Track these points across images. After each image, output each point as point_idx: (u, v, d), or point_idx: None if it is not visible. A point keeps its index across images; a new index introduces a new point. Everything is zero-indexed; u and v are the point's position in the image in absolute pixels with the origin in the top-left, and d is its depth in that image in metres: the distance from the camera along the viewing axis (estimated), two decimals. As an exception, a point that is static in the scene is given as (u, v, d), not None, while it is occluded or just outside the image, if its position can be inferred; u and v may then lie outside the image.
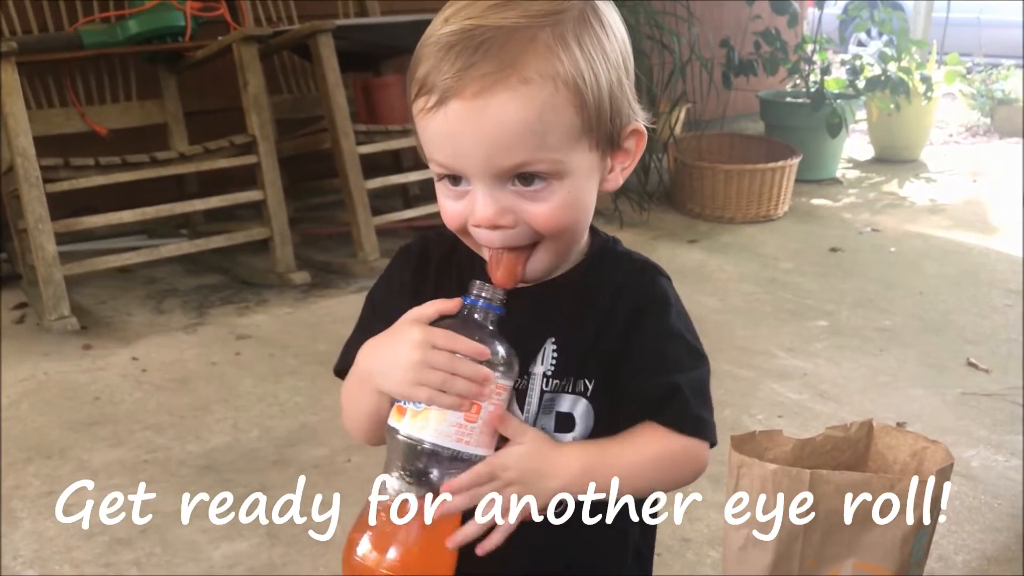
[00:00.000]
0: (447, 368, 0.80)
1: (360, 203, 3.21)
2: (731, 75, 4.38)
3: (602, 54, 0.81)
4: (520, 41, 0.77)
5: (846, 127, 4.40)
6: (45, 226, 2.75)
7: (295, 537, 1.83)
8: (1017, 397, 2.40)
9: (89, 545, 1.82)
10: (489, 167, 0.79)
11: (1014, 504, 1.95)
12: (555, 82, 0.77)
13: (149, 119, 3.45)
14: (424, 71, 0.79)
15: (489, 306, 0.82)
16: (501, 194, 0.81)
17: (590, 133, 0.81)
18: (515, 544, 0.87)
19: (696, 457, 0.90)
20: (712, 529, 1.84)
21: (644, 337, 0.88)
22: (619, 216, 3.75)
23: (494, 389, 0.81)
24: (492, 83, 0.76)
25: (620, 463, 0.86)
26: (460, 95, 0.77)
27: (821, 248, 3.63)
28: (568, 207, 0.82)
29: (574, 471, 0.85)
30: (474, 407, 0.80)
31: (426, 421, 0.81)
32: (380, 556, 0.81)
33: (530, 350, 0.87)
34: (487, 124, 0.77)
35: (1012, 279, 3.26)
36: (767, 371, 2.57)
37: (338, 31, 3.17)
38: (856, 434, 1.54)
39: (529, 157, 0.79)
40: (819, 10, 4.52)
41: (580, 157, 0.82)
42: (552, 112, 0.78)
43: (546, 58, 0.77)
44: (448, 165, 0.82)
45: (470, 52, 0.77)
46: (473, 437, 0.81)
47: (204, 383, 2.50)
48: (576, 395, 0.88)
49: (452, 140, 0.80)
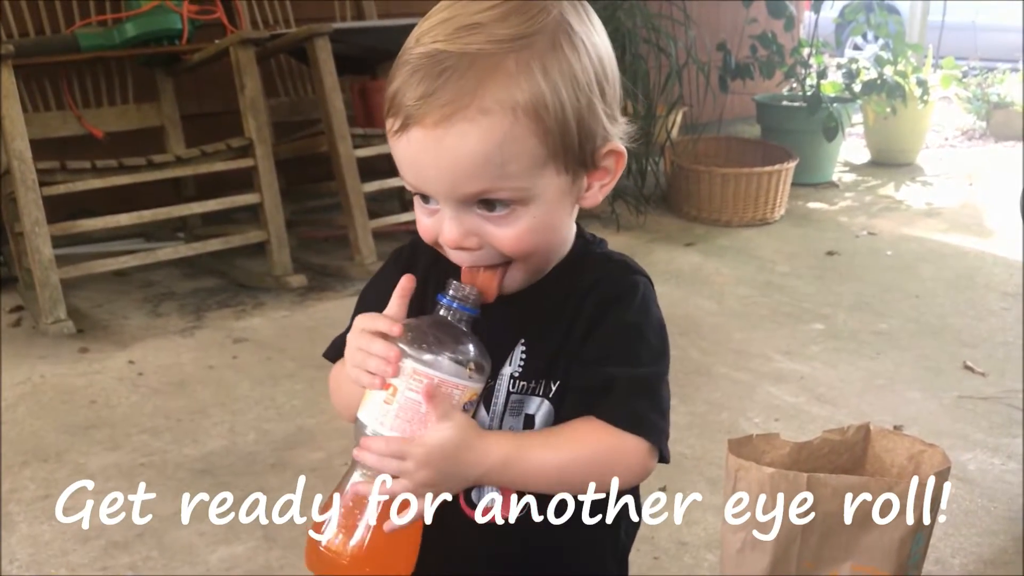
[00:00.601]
0: (364, 348, 0.82)
1: (357, 206, 3.21)
2: (728, 78, 4.39)
3: (570, 78, 0.79)
4: (482, 69, 0.76)
5: (842, 131, 4.41)
6: (41, 229, 2.75)
7: (293, 540, 1.83)
8: (1014, 400, 2.41)
9: (85, 549, 1.81)
10: (452, 193, 0.80)
11: (1011, 507, 1.96)
12: (515, 112, 0.77)
13: (146, 122, 3.45)
14: (392, 90, 0.80)
15: (462, 307, 0.82)
16: (466, 217, 0.81)
17: (557, 159, 0.80)
18: (498, 545, 0.88)
19: (633, 456, 0.85)
20: (709, 532, 1.85)
21: (600, 330, 0.87)
22: (616, 219, 3.76)
23: (410, 374, 0.80)
24: (451, 112, 0.76)
25: (543, 458, 0.84)
26: (421, 123, 0.77)
27: (817, 251, 3.64)
28: (534, 231, 0.82)
29: (492, 461, 0.83)
30: (391, 389, 0.81)
31: (364, 402, 0.84)
32: (339, 547, 0.83)
33: (502, 352, 0.88)
34: (446, 153, 0.77)
35: (1008, 282, 3.27)
36: (764, 374, 2.57)
37: (335, 35, 3.17)
38: (853, 437, 1.54)
39: (490, 185, 0.79)
40: (815, 14, 4.52)
41: (547, 183, 0.81)
42: (513, 142, 0.77)
43: (506, 87, 0.76)
44: (414, 186, 0.83)
45: (432, 78, 0.76)
46: (388, 419, 0.81)
47: (201, 386, 2.50)
48: (542, 397, 0.88)
49: (415, 165, 0.80)
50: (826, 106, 4.34)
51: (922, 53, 5.02)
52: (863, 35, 6.23)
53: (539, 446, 0.85)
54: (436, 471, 0.81)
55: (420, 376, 0.80)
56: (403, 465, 0.80)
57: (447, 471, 0.81)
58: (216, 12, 3.40)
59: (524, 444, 0.85)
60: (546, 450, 0.85)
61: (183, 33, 3.27)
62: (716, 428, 2.26)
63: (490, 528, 0.90)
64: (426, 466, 0.80)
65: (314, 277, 3.26)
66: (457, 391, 0.81)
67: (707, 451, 2.14)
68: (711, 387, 2.48)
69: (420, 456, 0.80)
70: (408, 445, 0.80)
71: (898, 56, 4.69)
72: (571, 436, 0.85)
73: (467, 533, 0.90)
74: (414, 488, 0.81)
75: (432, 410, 0.80)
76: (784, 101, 4.74)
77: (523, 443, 0.85)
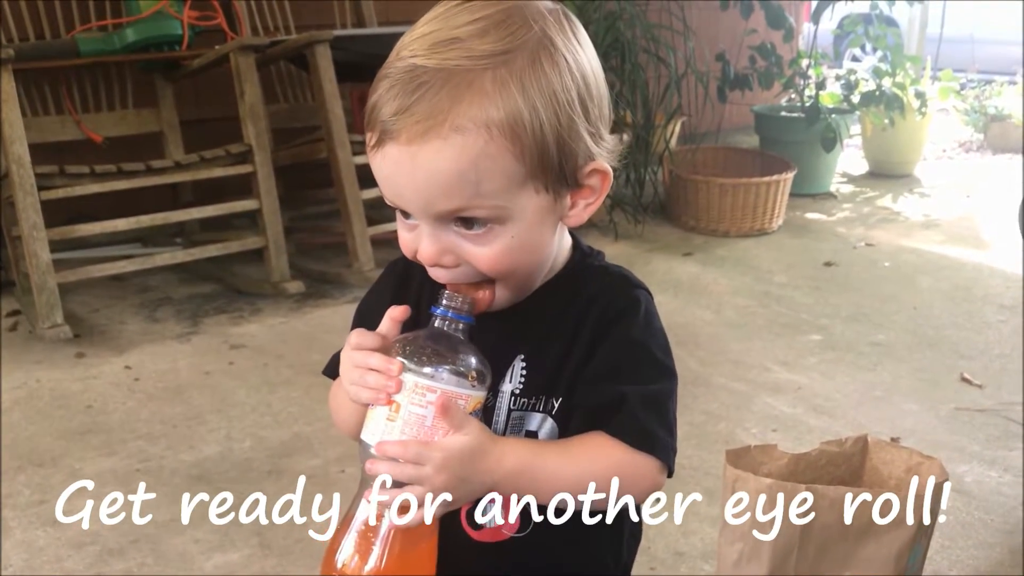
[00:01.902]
0: (361, 364, 0.81)
1: (355, 213, 3.21)
2: (726, 89, 4.40)
3: (550, 96, 0.77)
4: (457, 86, 0.75)
5: (840, 142, 4.41)
6: (39, 233, 2.75)
7: (288, 548, 1.82)
8: (1011, 413, 2.41)
9: (80, 555, 1.81)
10: (427, 210, 0.79)
11: (1008, 520, 1.95)
12: (490, 130, 0.75)
13: (145, 127, 3.45)
14: (371, 104, 0.79)
15: (457, 316, 0.81)
16: (443, 234, 0.80)
17: (536, 177, 0.79)
18: (504, 549, 0.88)
19: (643, 474, 0.84)
20: (706, 543, 1.84)
21: (605, 347, 0.86)
22: (614, 228, 3.76)
23: (413, 389, 0.79)
24: (425, 130, 0.75)
25: (557, 468, 0.83)
26: (395, 139, 0.76)
27: (815, 262, 3.64)
28: (512, 251, 0.81)
29: (508, 467, 0.81)
30: (394, 405, 0.79)
31: (366, 422, 0.82)
32: (354, 572, 0.82)
33: (499, 368, 0.86)
34: (420, 171, 0.77)
35: (1005, 294, 3.27)
36: (761, 385, 2.57)
37: (335, 41, 3.17)
38: (851, 449, 1.54)
39: (466, 204, 0.78)
40: (814, 25, 4.53)
41: (525, 202, 0.80)
42: (487, 160, 0.76)
43: (481, 105, 0.75)
44: (392, 201, 0.82)
45: (407, 94, 0.76)
46: (393, 436, 0.79)
47: (197, 392, 2.49)
48: (544, 413, 0.87)
49: (390, 181, 0.80)
50: (824, 117, 4.34)
51: (920, 65, 5.04)
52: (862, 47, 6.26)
53: (554, 456, 0.84)
54: (453, 476, 0.79)
55: (423, 389, 0.79)
56: (421, 471, 0.78)
57: (464, 475, 0.80)
58: (216, 18, 3.41)
59: (539, 452, 0.84)
60: (561, 460, 0.84)
61: (183, 39, 3.28)
62: (714, 438, 2.26)
63: (487, 549, 0.89)
64: (444, 471, 0.78)
65: (312, 284, 3.25)
66: (462, 401, 0.80)
67: (704, 461, 2.13)
68: (708, 397, 2.48)
69: (438, 460, 0.78)
70: (426, 448, 0.78)
71: (896, 68, 4.70)
72: (585, 449, 0.84)
73: (469, 554, 0.89)
74: (430, 493, 0.79)
75: (445, 421, 0.79)
76: (783, 112, 4.74)
77: (539, 451, 0.84)
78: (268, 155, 3.14)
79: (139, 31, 3.22)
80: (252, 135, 3.10)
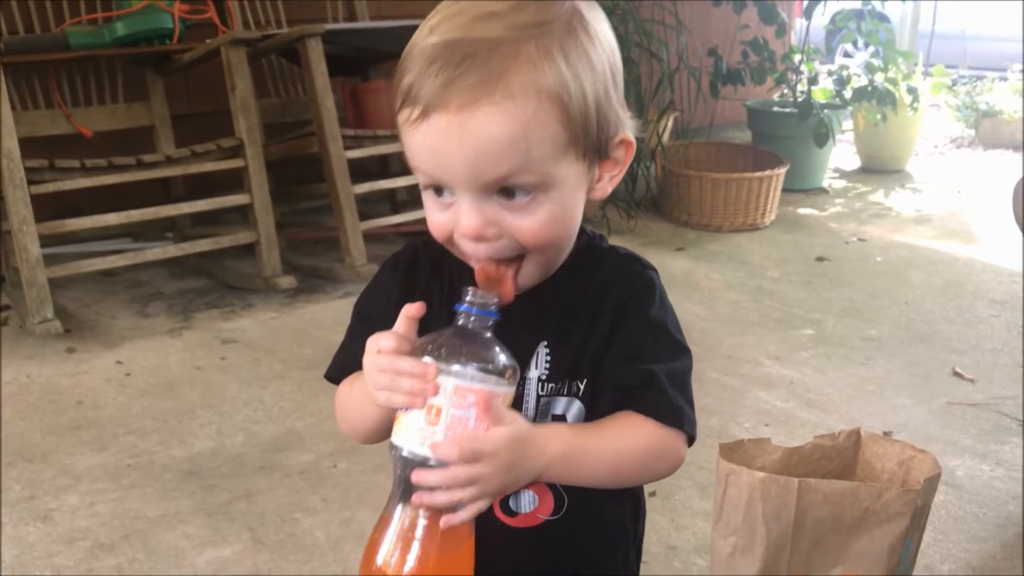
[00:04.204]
0: (390, 368, 0.79)
1: (348, 208, 3.20)
2: (719, 84, 4.39)
3: (588, 65, 0.80)
4: (504, 55, 0.76)
5: (833, 137, 4.42)
6: (29, 228, 2.73)
7: (280, 543, 1.82)
8: (1002, 407, 2.41)
9: (71, 551, 1.80)
10: (473, 180, 0.79)
11: (999, 513, 1.96)
12: (539, 96, 0.77)
13: (136, 121, 3.43)
14: (408, 82, 0.79)
15: (483, 312, 0.80)
16: (486, 206, 0.80)
17: (576, 145, 0.80)
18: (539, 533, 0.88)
19: (674, 449, 0.88)
20: (699, 537, 1.84)
21: (626, 328, 0.88)
22: (607, 223, 3.75)
23: (453, 391, 0.78)
24: (476, 97, 0.76)
25: (599, 449, 0.85)
26: (444, 108, 0.76)
27: (808, 257, 3.64)
28: (554, 220, 0.82)
29: (555, 452, 0.82)
30: (433, 410, 0.78)
31: (399, 427, 0.80)
32: (399, 566, 0.80)
33: (523, 356, 0.86)
34: (470, 138, 0.77)
35: (997, 289, 3.28)
36: (754, 379, 2.57)
37: (327, 35, 3.16)
38: (844, 443, 1.54)
39: (513, 170, 0.78)
40: (807, 20, 4.53)
41: (566, 169, 0.81)
42: (537, 126, 0.77)
43: (530, 72, 0.76)
44: (432, 176, 0.81)
45: (454, 65, 0.76)
46: (438, 439, 0.77)
47: (189, 388, 2.49)
48: (570, 396, 0.88)
49: (435, 153, 0.79)
50: (817, 112, 4.35)
51: (912, 61, 5.04)
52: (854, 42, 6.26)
53: (593, 437, 0.85)
54: (505, 468, 0.79)
55: (464, 391, 0.78)
56: (475, 470, 0.77)
57: (514, 464, 0.80)
58: (207, 12, 3.39)
59: (580, 435, 0.85)
60: (601, 441, 0.85)
61: (174, 32, 3.26)
62: (706, 433, 2.24)
63: (523, 534, 0.89)
64: (498, 465, 0.78)
65: (304, 279, 3.24)
66: (499, 399, 0.80)
67: (697, 456, 2.12)
68: (701, 392, 2.48)
69: (492, 456, 0.78)
70: (479, 445, 0.77)
71: (888, 63, 4.71)
72: (620, 428, 0.86)
73: (503, 541, 0.89)
74: (485, 490, 0.79)
75: (487, 419, 0.78)
76: (775, 107, 4.75)
77: (579, 434, 0.86)
78: (259, 149, 3.13)
79: (129, 25, 3.20)
80: (243, 129, 3.09)
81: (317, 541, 1.83)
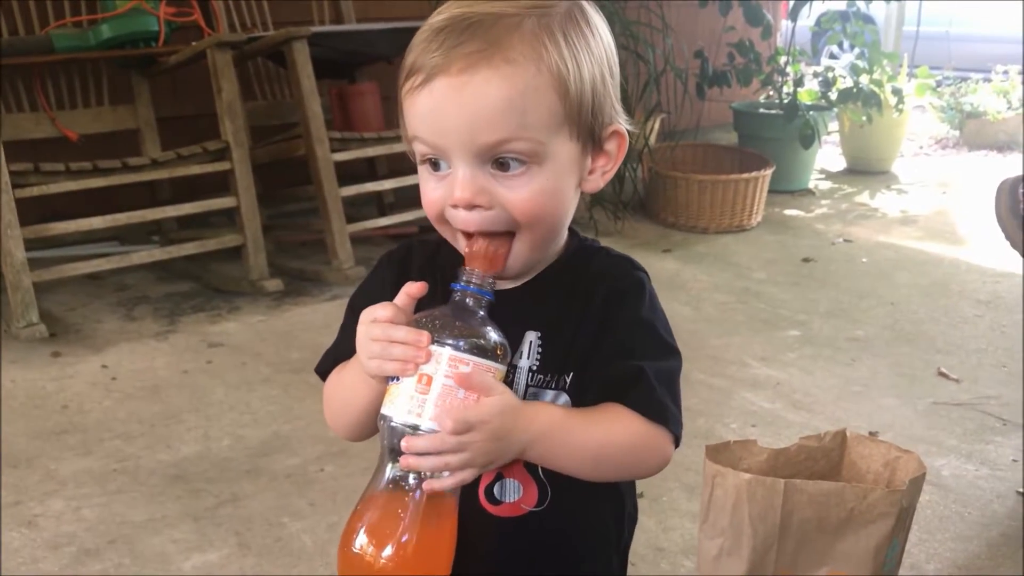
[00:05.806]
0: (384, 336, 0.81)
1: (334, 210, 3.20)
2: (705, 86, 4.41)
3: (587, 49, 0.83)
4: (507, 26, 0.80)
5: (819, 138, 4.44)
6: (14, 232, 2.72)
7: (267, 547, 1.81)
8: (987, 407, 2.43)
9: (56, 556, 1.79)
10: (470, 143, 0.81)
11: (984, 513, 1.97)
12: (538, 65, 0.80)
13: (121, 124, 3.42)
14: (413, 56, 0.82)
15: (479, 291, 0.82)
16: (480, 174, 0.82)
17: (571, 122, 0.83)
18: (522, 523, 0.89)
19: (659, 447, 0.88)
20: (686, 539, 1.85)
21: (616, 326, 0.89)
22: (594, 225, 3.76)
23: (446, 361, 0.79)
24: (476, 60, 0.79)
25: (584, 434, 0.85)
26: (446, 71, 0.80)
27: (794, 258, 3.65)
28: (546, 194, 0.84)
29: (537, 429, 0.83)
30: (424, 378, 0.79)
31: (391, 397, 0.82)
32: (376, 550, 0.80)
33: (514, 344, 0.88)
34: (469, 99, 0.79)
35: (981, 289, 3.30)
36: (740, 380, 2.58)
37: (313, 38, 3.15)
38: (830, 444, 1.54)
39: (510, 134, 0.81)
40: (792, 22, 4.55)
41: (560, 144, 0.83)
42: (534, 92, 0.80)
43: (531, 43, 0.80)
44: (430, 141, 0.83)
45: (458, 33, 0.80)
46: (426, 409, 0.79)
47: (175, 391, 2.48)
48: (558, 390, 0.89)
49: (435, 115, 0.82)
50: (803, 114, 4.37)
51: (897, 62, 5.07)
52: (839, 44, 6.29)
53: (579, 421, 0.86)
54: (493, 436, 0.80)
55: (456, 362, 0.79)
56: (465, 438, 0.78)
57: (502, 435, 0.81)
58: (193, 14, 3.38)
59: (566, 416, 0.86)
60: (585, 426, 0.86)
61: (159, 35, 3.25)
62: (693, 434, 2.26)
63: (506, 524, 0.90)
64: (486, 433, 0.79)
65: (290, 282, 3.24)
66: (490, 374, 0.81)
67: (684, 457, 2.12)
68: (688, 393, 2.45)
69: (481, 424, 0.79)
70: (468, 414, 0.79)
71: (873, 65, 4.73)
72: (606, 418, 0.86)
73: (488, 530, 0.90)
74: (472, 459, 0.80)
75: (476, 390, 0.80)
76: (761, 109, 4.76)
77: (564, 415, 0.86)
78: (246, 152, 3.12)
79: (115, 27, 3.19)
80: (230, 132, 3.08)
81: (304, 545, 1.82)
